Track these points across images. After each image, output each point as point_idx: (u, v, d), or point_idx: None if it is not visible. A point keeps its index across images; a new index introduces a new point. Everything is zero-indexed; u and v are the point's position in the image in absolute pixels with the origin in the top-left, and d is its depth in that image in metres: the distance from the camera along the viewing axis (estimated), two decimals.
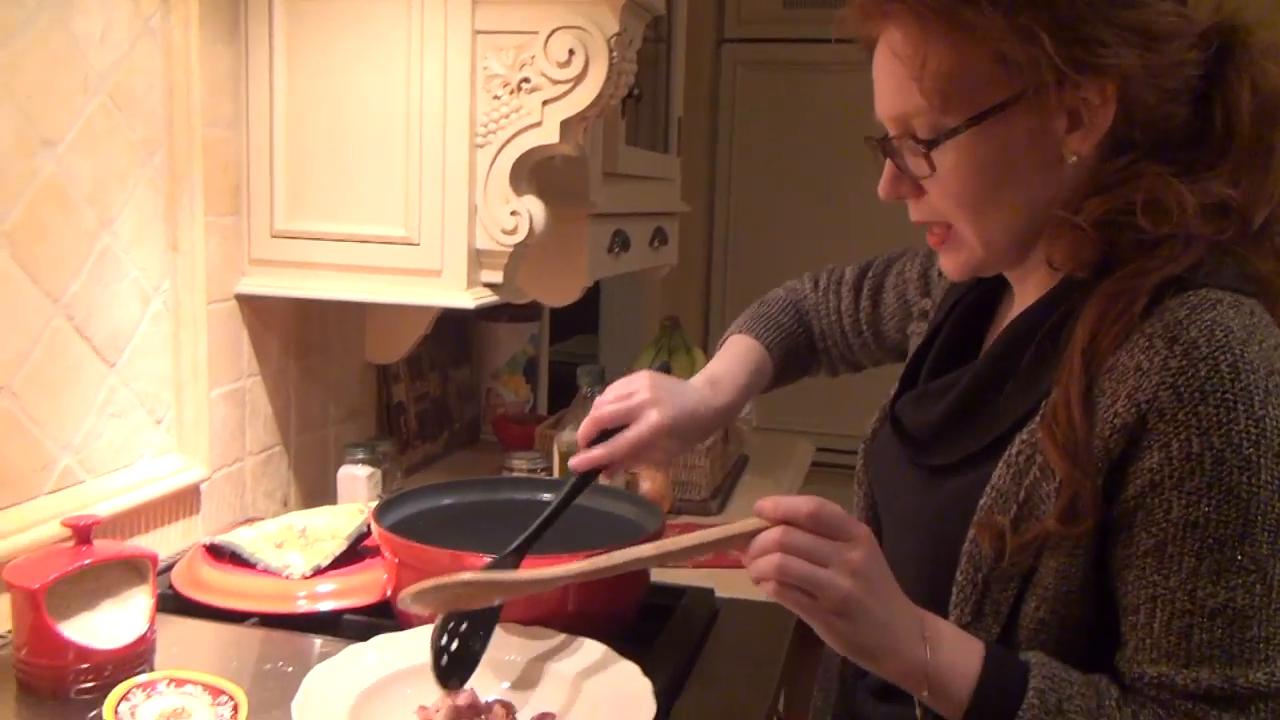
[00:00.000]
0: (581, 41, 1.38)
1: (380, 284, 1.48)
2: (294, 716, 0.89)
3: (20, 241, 1.14)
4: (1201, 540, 0.75)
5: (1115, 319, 0.78)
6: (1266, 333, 0.77)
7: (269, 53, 1.46)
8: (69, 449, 1.24)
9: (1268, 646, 0.74)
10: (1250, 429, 0.73)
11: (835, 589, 0.77)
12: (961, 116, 0.82)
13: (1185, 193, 0.78)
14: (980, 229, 0.86)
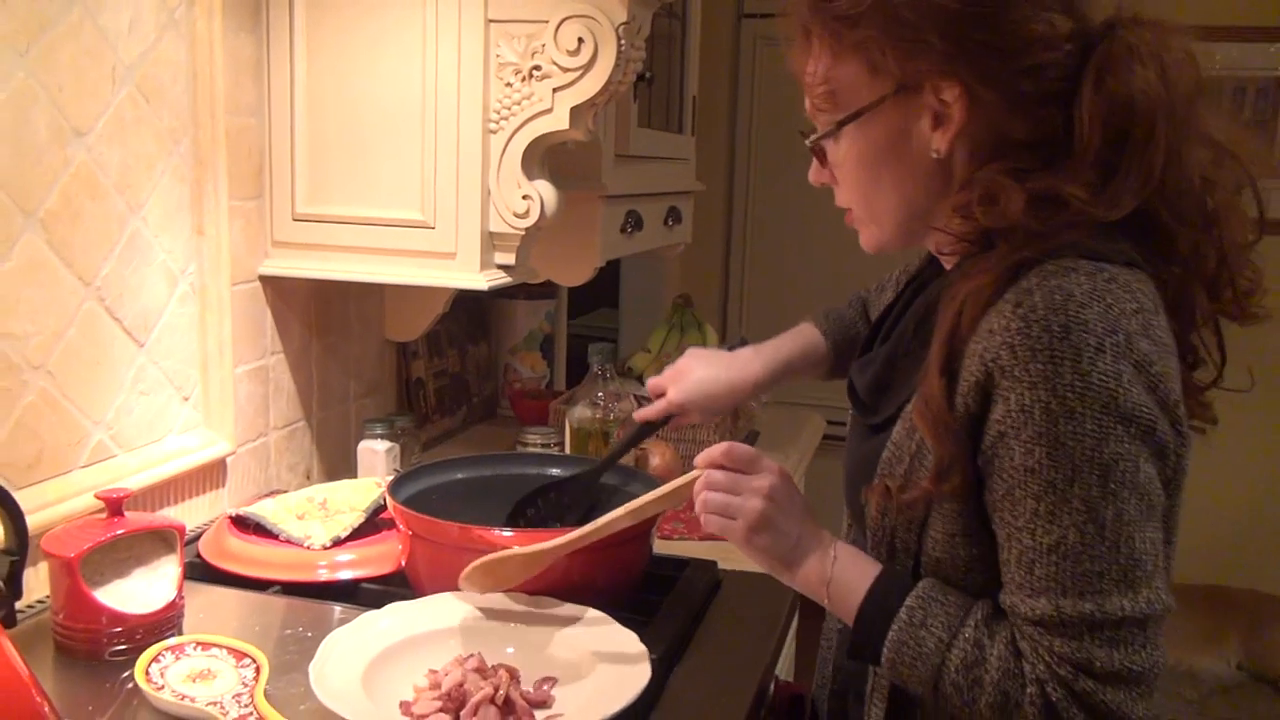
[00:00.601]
0: (590, 30, 1.42)
1: (397, 265, 1.53)
2: (311, 678, 0.95)
3: (54, 227, 1.20)
4: (1038, 484, 0.81)
5: (975, 294, 0.85)
6: (1117, 297, 0.82)
7: (289, 41, 1.51)
8: (102, 425, 1.30)
9: (1100, 580, 0.80)
10: (1076, 383, 0.79)
11: (748, 509, 0.95)
12: (838, 117, 0.94)
13: (1014, 188, 0.86)
14: (869, 212, 0.98)
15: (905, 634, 0.88)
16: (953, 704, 0.86)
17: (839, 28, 0.91)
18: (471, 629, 1.10)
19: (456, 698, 0.95)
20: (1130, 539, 0.80)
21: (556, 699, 1.00)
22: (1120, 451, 0.80)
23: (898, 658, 0.88)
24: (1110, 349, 0.80)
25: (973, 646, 0.85)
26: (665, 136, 2.14)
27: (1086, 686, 0.80)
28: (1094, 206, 0.86)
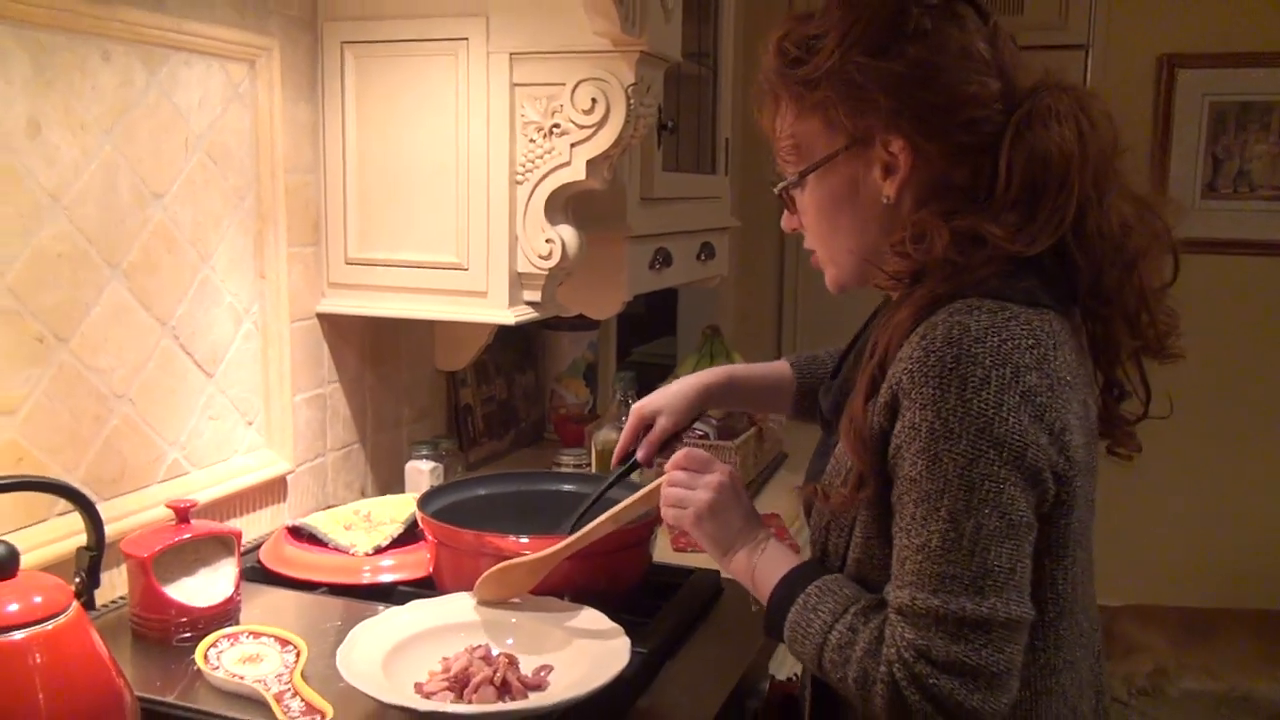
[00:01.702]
0: (602, 91, 1.59)
1: (437, 303, 1.71)
2: (338, 661, 1.12)
3: (135, 276, 1.40)
4: (917, 492, 0.93)
5: (898, 326, 0.97)
6: (1013, 333, 0.93)
7: (341, 108, 1.71)
8: (176, 445, 1.50)
9: (951, 582, 0.91)
10: (958, 408, 0.90)
11: (696, 499, 1.13)
12: (801, 167, 1.07)
13: (940, 226, 0.97)
14: (829, 253, 1.11)
15: (799, 615, 1.02)
16: (830, 678, 1.00)
17: (800, 90, 1.04)
18: (481, 624, 1.25)
19: (461, 679, 1.11)
20: (985, 550, 0.91)
21: (550, 683, 1.15)
22: (987, 473, 0.90)
23: (792, 635, 1.02)
24: (995, 380, 0.91)
25: (847, 629, 0.98)
26: (694, 178, 2.29)
27: (924, 670, 0.91)
28: (1010, 243, 0.97)
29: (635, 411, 1.39)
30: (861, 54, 0.99)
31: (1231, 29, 3.50)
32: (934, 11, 1.00)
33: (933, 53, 0.99)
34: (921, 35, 0.99)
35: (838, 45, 1.00)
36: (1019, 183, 0.98)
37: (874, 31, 1.00)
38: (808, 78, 1.03)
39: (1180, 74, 3.56)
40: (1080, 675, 1.06)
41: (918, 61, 0.99)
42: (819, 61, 1.01)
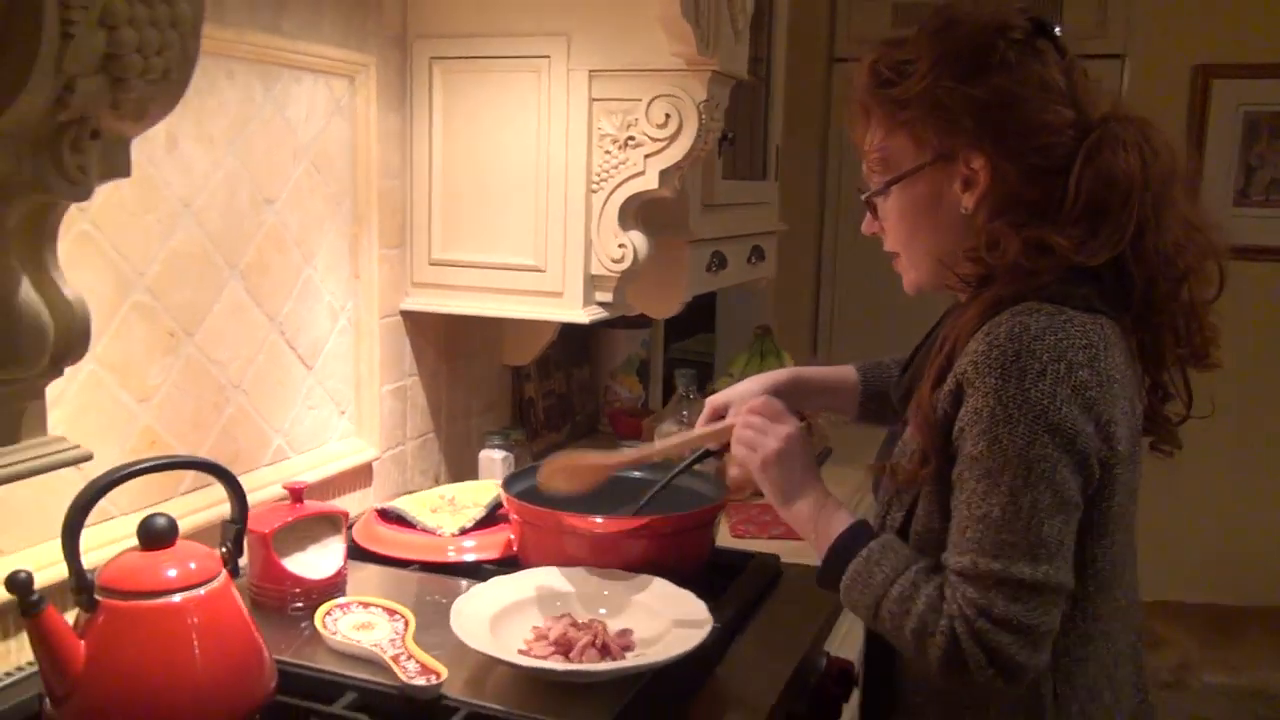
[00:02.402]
0: (676, 107, 1.70)
1: (514, 302, 1.83)
2: (459, 631, 1.24)
3: (250, 276, 1.53)
4: (979, 469, 1.04)
5: (966, 326, 1.09)
6: (1068, 334, 1.04)
7: (429, 118, 1.83)
8: (280, 432, 1.62)
9: (1010, 549, 1.02)
10: (1017, 396, 1.02)
11: (766, 445, 1.25)
12: (888, 177, 1.19)
13: (1013, 235, 1.09)
14: (911, 258, 1.23)
15: (861, 566, 1.13)
16: (885, 627, 1.11)
17: (892, 108, 1.16)
18: (567, 594, 1.38)
19: (563, 643, 1.23)
20: (1040, 524, 1.02)
21: (636, 645, 1.27)
22: (1043, 455, 1.02)
23: (851, 584, 1.14)
24: (1051, 374, 1.03)
25: (910, 585, 1.09)
26: (748, 185, 2.40)
27: (984, 626, 1.02)
28: (1074, 255, 1.09)
29: (709, 404, 1.49)
30: (951, 80, 1.11)
31: (1266, 40, 3.58)
32: (1017, 45, 1.12)
33: (1015, 83, 1.11)
34: (1005, 66, 1.11)
35: (929, 70, 1.12)
36: (1085, 202, 1.09)
37: (963, 60, 1.11)
38: (899, 98, 1.15)
39: (1215, 84, 3.64)
40: (1117, 647, 1.18)
41: (1001, 89, 1.10)
42: (910, 84, 1.13)
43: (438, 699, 1.18)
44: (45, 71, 0.63)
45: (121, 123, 0.72)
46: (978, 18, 1.14)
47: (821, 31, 4.00)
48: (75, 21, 0.63)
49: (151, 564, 1.09)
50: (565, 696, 1.20)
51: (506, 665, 1.20)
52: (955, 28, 1.15)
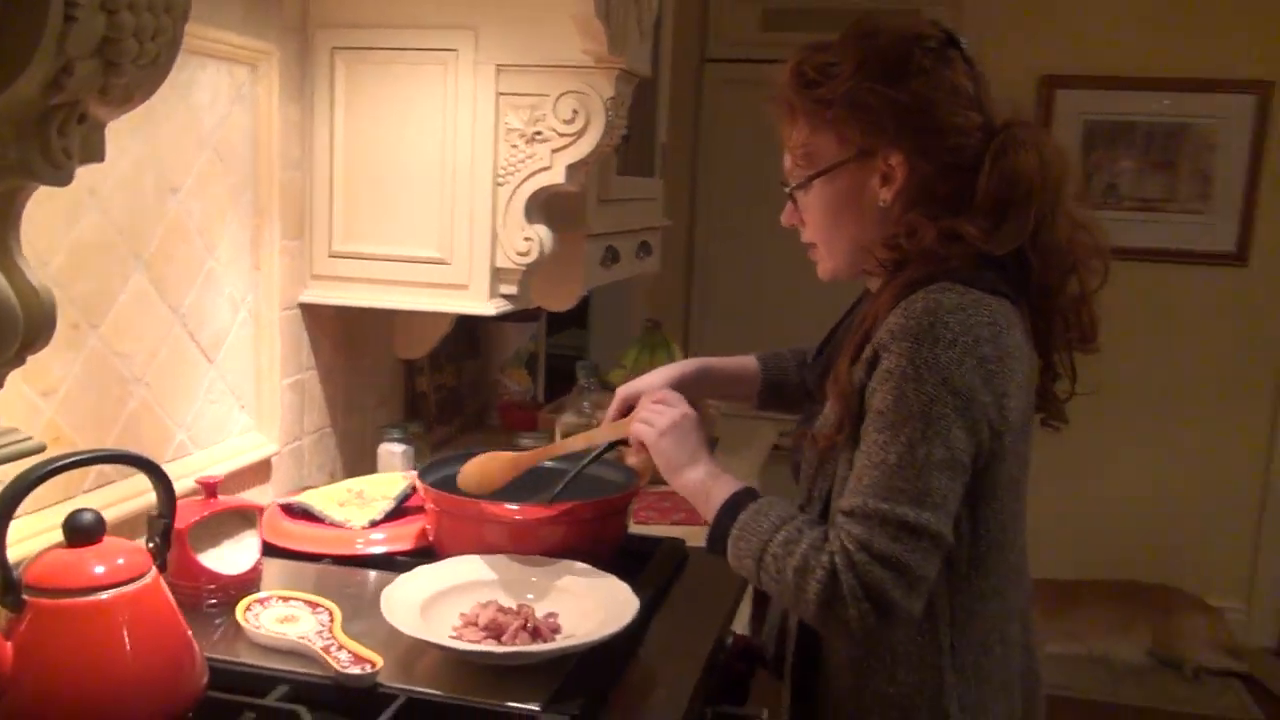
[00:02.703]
0: (583, 103, 1.73)
1: (419, 295, 1.83)
2: (384, 612, 1.24)
3: (155, 266, 1.49)
4: (881, 421, 1.13)
5: (883, 303, 1.18)
6: (975, 312, 1.13)
7: (330, 109, 1.81)
8: (183, 427, 1.58)
9: (899, 494, 1.11)
10: (928, 359, 1.11)
11: (662, 421, 1.34)
12: (811, 172, 1.27)
13: (929, 225, 1.18)
14: (829, 247, 1.31)
15: (749, 518, 1.21)
16: (769, 573, 1.17)
17: (817, 107, 1.25)
18: (492, 580, 1.40)
19: (493, 629, 1.26)
20: (930, 474, 1.11)
21: (563, 628, 1.30)
22: (942, 413, 1.11)
23: (739, 535, 1.21)
24: (960, 344, 1.12)
25: (795, 529, 1.17)
26: (639, 181, 2.45)
27: (863, 559, 1.10)
28: (982, 243, 1.19)
29: (620, 394, 1.54)
30: (873, 82, 1.20)
31: (1105, 53, 3.85)
32: (932, 54, 1.22)
33: (930, 88, 1.20)
34: (923, 72, 1.20)
35: (854, 73, 1.20)
36: (993, 197, 1.19)
37: (885, 65, 1.20)
38: (825, 97, 1.23)
39: (1058, 94, 3.90)
40: (1009, 605, 1.28)
41: (918, 94, 1.20)
42: (835, 85, 1.21)
43: (374, 687, 1.19)
44: (47, 53, 0.62)
45: (107, 107, 0.71)
46: (896, 27, 1.24)
47: (693, 33, 4.08)
48: (79, 4, 0.63)
49: (79, 561, 1.06)
50: (498, 679, 1.22)
51: (445, 651, 1.22)
52: (876, 36, 1.24)
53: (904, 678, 1.22)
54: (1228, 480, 3.94)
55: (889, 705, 1.23)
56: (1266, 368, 3.90)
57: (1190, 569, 3.90)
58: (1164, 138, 3.91)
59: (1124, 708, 3.42)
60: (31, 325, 0.74)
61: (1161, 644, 3.67)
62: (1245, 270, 3.89)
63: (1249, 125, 3.84)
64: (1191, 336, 3.85)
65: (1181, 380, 3.90)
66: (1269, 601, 3.95)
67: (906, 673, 1.22)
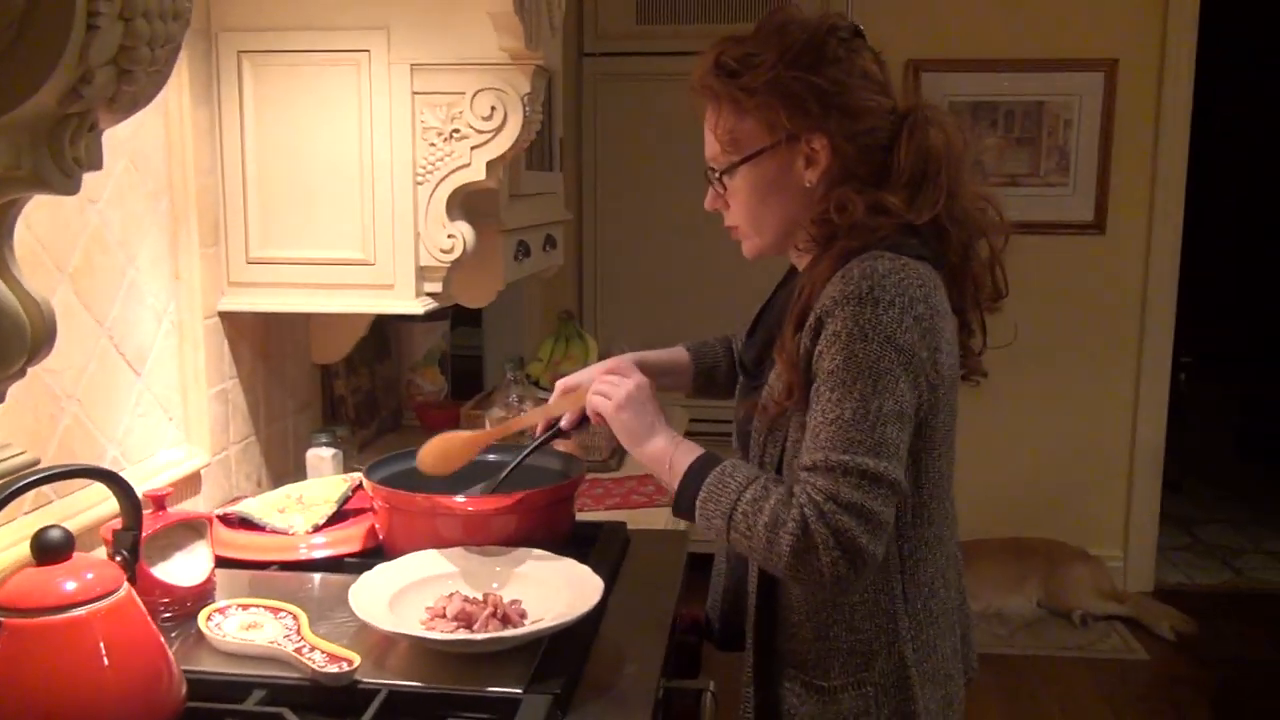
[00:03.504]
0: (500, 100, 1.75)
1: (343, 297, 1.82)
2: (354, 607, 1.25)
3: (78, 279, 1.45)
4: (834, 380, 1.20)
5: (820, 274, 1.25)
6: (905, 275, 1.22)
7: (239, 113, 1.78)
8: (114, 443, 1.55)
9: (857, 446, 1.18)
10: (871, 319, 1.19)
11: (619, 393, 1.36)
12: (739, 156, 1.32)
13: (857, 199, 1.26)
14: (756, 228, 1.37)
15: (716, 480, 1.26)
16: (738, 530, 1.23)
17: (741, 95, 1.30)
18: (454, 573, 1.42)
19: (464, 619, 1.28)
20: (884, 426, 1.19)
21: (529, 613, 1.33)
22: (889, 369, 1.19)
23: (707, 498, 1.25)
24: (898, 304, 1.20)
25: (761, 488, 1.23)
26: (543, 175, 2.47)
27: (831, 509, 1.17)
28: (906, 213, 1.27)
29: (560, 385, 1.56)
30: (795, 70, 1.26)
31: (967, 38, 4.04)
32: (844, 43, 1.30)
33: (845, 74, 1.28)
34: (838, 60, 1.28)
35: (777, 62, 1.27)
36: (909, 171, 1.28)
37: (805, 54, 1.27)
38: (749, 85, 1.29)
39: (924, 76, 4.07)
40: (947, 550, 1.38)
41: (836, 80, 1.27)
42: (759, 74, 1.28)
43: (353, 684, 1.20)
44: (71, 62, 0.63)
45: (112, 115, 0.72)
46: (809, 20, 1.32)
47: (570, 28, 4.11)
48: (101, 13, 0.63)
49: (50, 579, 1.05)
50: (473, 667, 1.24)
51: (426, 643, 1.23)
52: (791, 28, 1.31)
53: (862, 625, 1.29)
54: (1099, 437, 4.19)
55: (849, 653, 1.30)
56: (1128, 328, 4.15)
57: (1070, 522, 4.14)
58: (1023, 116, 4.12)
59: (1021, 657, 3.61)
60: (36, 336, 0.73)
61: (1050, 595, 3.88)
62: (1103, 238, 4.14)
63: (1099, 101, 4.08)
64: (1059, 303, 4.07)
65: (1052, 345, 4.12)
66: (1143, 548, 4.22)
67: (863, 620, 1.30)
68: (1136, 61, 4.03)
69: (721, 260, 4.09)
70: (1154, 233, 4.09)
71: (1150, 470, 4.18)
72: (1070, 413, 4.16)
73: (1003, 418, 4.05)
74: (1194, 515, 5.05)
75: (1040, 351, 4.09)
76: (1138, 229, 4.11)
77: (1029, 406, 4.14)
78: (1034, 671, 3.53)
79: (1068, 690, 3.43)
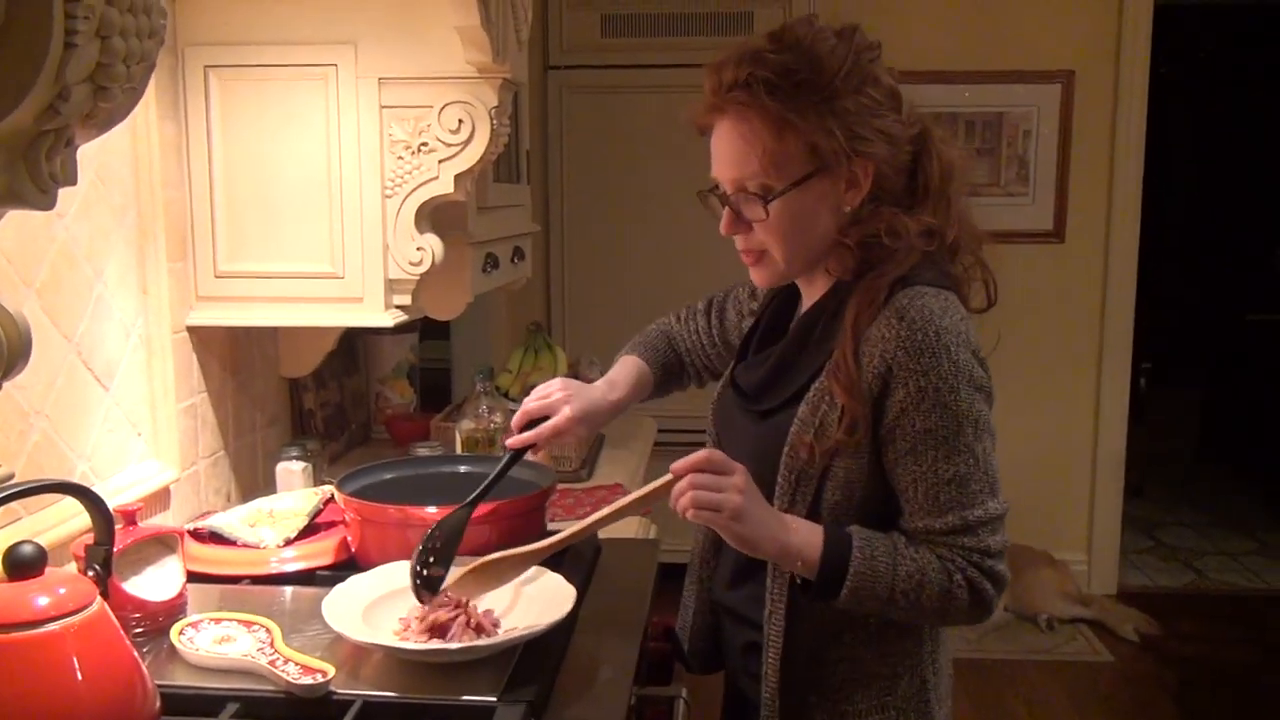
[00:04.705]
0: (468, 113, 1.77)
1: (312, 310, 1.83)
2: (328, 620, 1.26)
3: (46, 294, 1.45)
4: (934, 439, 1.22)
5: (868, 305, 1.25)
6: (953, 309, 1.26)
7: (206, 127, 1.78)
8: (84, 458, 1.54)
9: (981, 495, 1.22)
10: (950, 368, 1.21)
11: (730, 502, 1.20)
12: (785, 182, 1.25)
13: (909, 221, 1.26)
14: (789, 255, 1.30)
15: (863, 566, 1.23)
16: (899, 608, 1.23)
17: (792, 115, 1.22)
18: None
19: (437, 628, 1.28)
20: (990, 463, 1.23)
21: (503, 622, 1.34)
22: (980, 410, 1.23)
23: (859, 585, 1.22)
24: (961, 345, 1.22)
25: (912, 564, 1.23)
26: (510, 188, 2.49)
27: (989, 564, 1.22)
28: (945, 235, 1.28)
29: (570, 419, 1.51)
30: (848, 92, 1.23)
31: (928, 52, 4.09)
32: (876, 61, 1.27)
33: (883, 94, 1.26)
34: (875, 80, 1.26)
35: (830, 81, 1.22)
36: (936, 190, 1.28)
37: (852, 74, 1.23)
38: (799, 105, 1.22)
39: None
40: None
41: (876, 100, 1.25)
42: (809, 92, 1.22)
43: (327, 695, 1.20)
44: (48, 80, 0.64)
45: (88, 131, 0.73)
46: (839, 34, 1.26)
47: (535, 41, 4.13)
48: (78, 31, 0.64)
49: (22, 594, 1.05)
50: (447, 676, 1.25)
51: (401, 654, 1.24)
52: (829, 42, 1.25)
53: (891, 650, 1.32)
54: (1061, 442, 4.25)
55: (875, 676, 1.32)
56: (1088, 334, 4.22)
57: (1035, 527, 4.18)
58: (984, 126, 4.19)
59: (988, 661, 3.65)
60: (13, 351, 0.74)
61: (1016, 600, 3.93)
62: (1063, 246, 4.21)
63: (1056, 111, 4.15)
64: (1021, 311, 4.13)
65: (1014, 351, 4.16)
66: (1106, 552, 4.28)
67: (892, 644, 1.32)
68: (1092, 73, 4.11)
69: (688, 270, 4.14)
70: (1112, 240, 4.17)
71: (1112, 475, 4.25)
72: (1032, 419, 4.22)
73: None
74: (1156, 518, 5.13)
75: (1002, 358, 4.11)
76: (1096, 237, 4.19)
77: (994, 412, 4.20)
78: (1001, 675, 3.57)
79: (1034, 692, 3.48)
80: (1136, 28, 4.05)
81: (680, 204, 1.43)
